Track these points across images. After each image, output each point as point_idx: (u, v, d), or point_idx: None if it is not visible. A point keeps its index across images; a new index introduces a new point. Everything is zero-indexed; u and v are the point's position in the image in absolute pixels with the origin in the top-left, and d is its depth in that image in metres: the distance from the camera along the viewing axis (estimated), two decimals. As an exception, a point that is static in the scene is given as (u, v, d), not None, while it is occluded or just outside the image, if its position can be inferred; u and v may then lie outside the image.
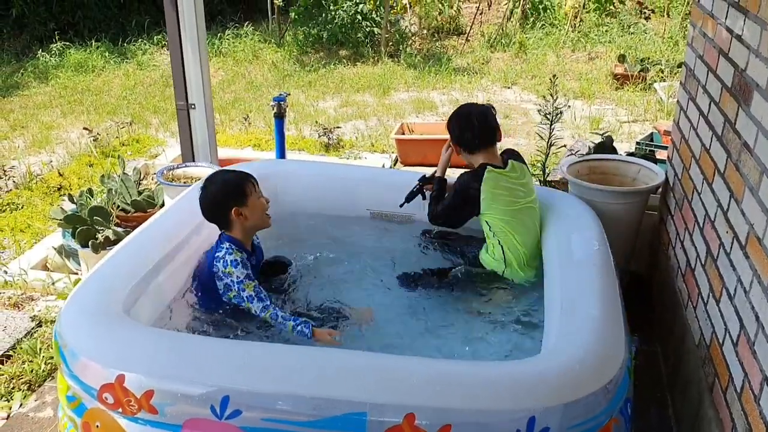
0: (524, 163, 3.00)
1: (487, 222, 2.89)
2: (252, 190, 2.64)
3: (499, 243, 2.87)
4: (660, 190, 3.46)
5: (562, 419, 1.90)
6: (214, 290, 2.60)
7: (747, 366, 1.99)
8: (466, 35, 9.53)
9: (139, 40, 9.56)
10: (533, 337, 2.54)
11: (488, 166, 2.84)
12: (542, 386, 1.95)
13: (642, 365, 3.04)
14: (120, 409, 2.03)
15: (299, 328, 2.51)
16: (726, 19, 2.57)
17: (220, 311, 2.60)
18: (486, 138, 2.89)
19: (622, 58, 7.60)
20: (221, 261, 2.55)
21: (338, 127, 6.05)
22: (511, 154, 2.98)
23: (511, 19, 9.62)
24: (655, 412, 2.78)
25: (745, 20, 2.32)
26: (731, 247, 2.24)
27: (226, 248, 2.59)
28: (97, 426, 2.10)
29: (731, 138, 2.36)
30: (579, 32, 9.14)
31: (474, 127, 2.88)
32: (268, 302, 2.57)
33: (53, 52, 8.82)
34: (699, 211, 2.71)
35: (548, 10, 9.75)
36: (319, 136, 5.87)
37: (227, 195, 2.60)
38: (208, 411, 1.93)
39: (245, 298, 2.56)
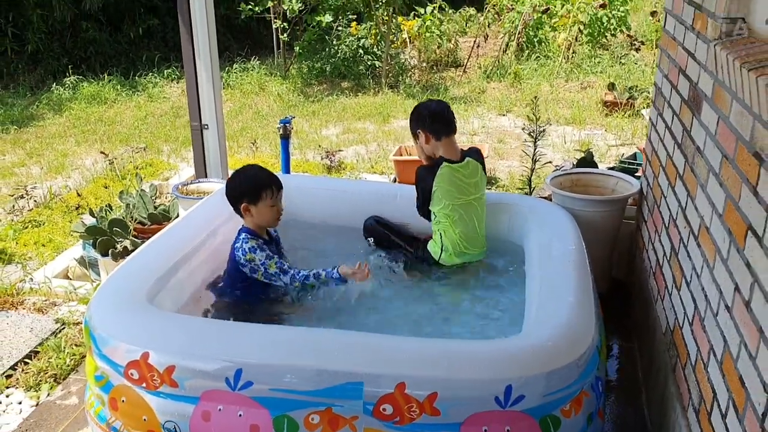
0: (483, 164, 3.34)
1: (433, 212, 3.24)
2: (268, 195, 2.89)
3: (438, 231, 3.23)
4: (637, 201, 3.74)
5: (536, 388, 2.14)
6: (239, 279, 2.89)
7: (699, 341, 2.25)
8: (463, 67, 9.91)
9: (150, 73, 9.95)
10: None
11: (444, 162, 3.16)
12: (518, 359, 2.19)
13: (620, 360, 3.31)
14: (144, 384, 2.27)
15: (330, 275, 2.87)
16: (684, 40, 2.89)
17: (246, 300, 2.90)
18: (449, 127, 3.22)
19: (611, 86, 7.94)
20: (240, 250, 2.86)
21: (340, 151, 6.37)
22: (473, 153, 3.29)
23: (507, 52, 10.01)
24: (630, 399, 3.03)
25: (696, 40, 2.63)
26: (688, 240, 2.52)
27: (243, 238, 2.89)
28: (123, 401, 2.35)
29: (688, 144, 2.65)
30: (572, 63, 9.51)
31: (441, 116, 3.20)
32: (293, 270, 2.89)
33: (67, 85, 9.19)
34: (665, 213, 2.99)
35: (543, 43, 10.14)
36: (322, 159, 6.19)
37: (243, 190, 2.90)
38: (223, 383, 2.17)
39: (272, 276, 2.86)
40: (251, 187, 2.89)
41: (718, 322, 2.03)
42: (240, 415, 2.18)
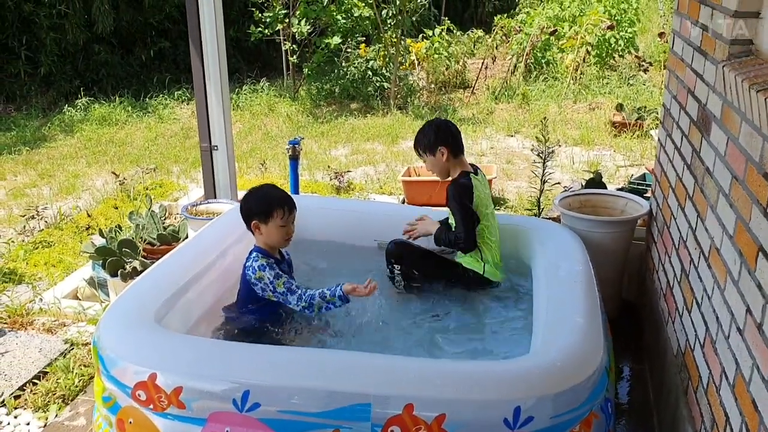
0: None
1: None
2: (278, 214, 2.87)
3: (479, 244, 3.19)
4: (647, 221, 3.73)
5: (545, 410, 2.13)
6: (250, 299, 2.90)
7: (711, 364, 2.22)
8: (471, 88, 9.95)
9: (160, 95, 10.04)
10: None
11: (469, 174, 3.18)
12: (527, 380, 2.18)
13: (631, 382, 3.28)
14: (151, 405, 2.27)
15: (333, 293, 2.83)
16: (692, 62, 2.89)
17: (259, 319, 2.90)
18: (462, 144, 3.26)
19: (620, 107, 7.95)
20: (250, 268, 2.86)
21: (348, 172, 6.39)
22: (475, 167, 3.32)
23: (515, 73, 10.05)
24: (641, 422, 3.00)
25: (705, 62, 2.64)
26: (699, 262, 2.50)
27: (253, 256, 2.90)
28: (130, 422, 2.34)
29: (697, 165, 2.65)
30: (580, 84, 9.53)
31: (456, 133, 3.24)
32: (300, 290, 2.86)
33: (78, 107, 9.28)
34: (675, 235, 2.97)
35: (550, 64, 10.18)
36: (331, 180, 6.21)
37: (255, 207, 2.90)
38: (231, 405, 2.17)
39: (279, 295, 2.85)
40: (263, 206, 2.89)
41: (729, 345, 2.01)
42: (247, 437, 2.17)
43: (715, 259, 2.26)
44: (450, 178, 3.27)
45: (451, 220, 3.28)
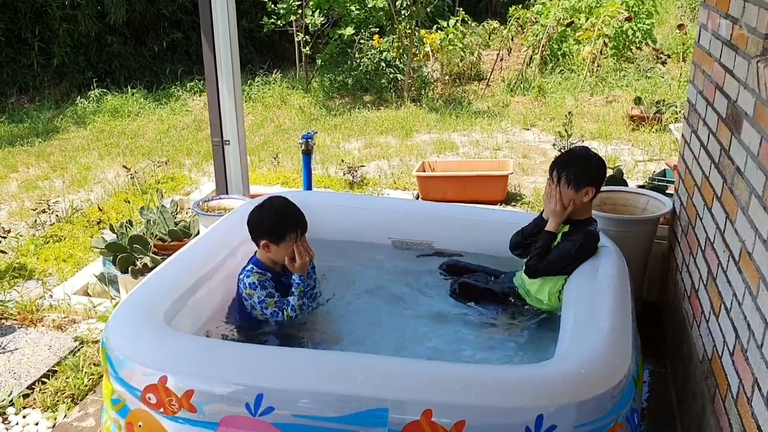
0: None
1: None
2: (292, 238, 2.77)
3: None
4: (669, 220, 3.63)
5: (569, 419, 2.04)
6: (241, 311, 2.85)
7: (741, 373, 2.14)
8: (486, 80, 9.83)
9: (173, 86, 10.00)
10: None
11: (595, 222, 2.98)
12: (550, 387, 2.10)
13: (653, 385, 3.19)
14: (162, 409, 2.20)
15: (293, 281, 2.79)
16: (721, 56, 2.78)
17: (255, 325, 2.82)
18: None
19: (638, 101, 7.81)
20: (242, 283, 2.81)
21: (362, 166, 6.31)
22: None
23: (531, 65, 9.92)
24: (663, 427, 2.91)
25: (735, 57, 2.53)
26: (727, 265, 2.41)
27: (248, 270, 2.82)
28: (140, 426, 2.28)
29: (726, 164, 2.55)
30: (597, 77, 9.39)
31: (605, 168, 2.94)
32: (288, 306, 2.77)
33: (91, 98, 9.25)
34: (701, 235, 2.87)
35: (567, 56, 10.04)
36: (344, 175, 6.13)
37: (267, 228, 2.79)
38: (243, 409, 2.10)
39: (270, 315, 2.77)
40: (277, 228, 2.78)
41: (763, 354, 1.92)
42: (260, 443, 2.10)
43: (747, 264, 2.17)
44: (562, 217, 2.94)
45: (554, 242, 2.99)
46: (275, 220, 2.78)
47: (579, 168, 2.88)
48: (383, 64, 9.68)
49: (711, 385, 2.47)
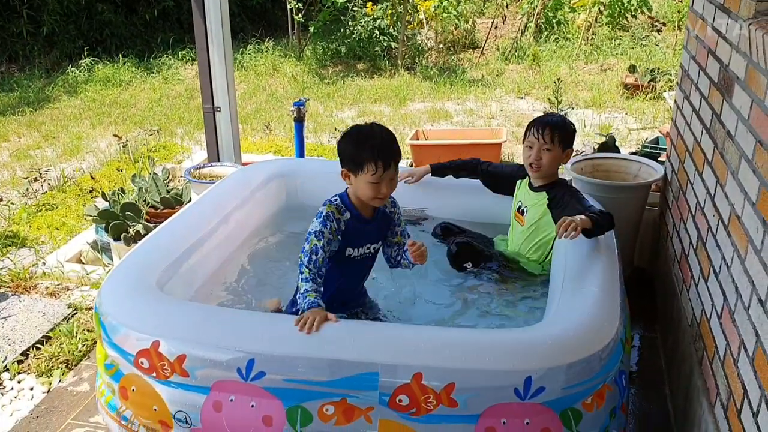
0: None
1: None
2: (370, 170, 2.38)
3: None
4: (661, 187, 3.64)
5: (558, 381, 2.07)
6: None
7: (728, 335, 2.16)
8: (481, 48, 9.77)
9: (164, 55, 9.90)
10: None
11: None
12: (539, 350, 2.11)
13: (642, 350, 3.22)
14: (154, 374, 2.22)
15: (303, 307, 2.31)
16: (713, 20, 2.77)
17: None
18: None
19: (632, 69, 7.78)
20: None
21: (356, 135, 6.28)
22: None
23: (525, 33, 9.85)
24: (652, 390, 2.95)
25: (728, 20, 2.52)
26: (717, 229, 2.42)
27: (332, 199, 2.51)
28: (133, 390, 2.30)
29: (717, 128, 2.55)
30: (591, 45, 9.34)
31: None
32: (313, 267, 2.40)
33: (82, 67, 9.16)
34: (692, 201, 2.88)
35: (561, 24, 9.96)
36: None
37: (346, 153, 2.45)
38: (235, 373, 2.11)
39: (302, 249, 2.44)
40: (354, 155, 2.40)
41: (750, 316, 1.94)
42: (252, 406, 2.12)
43: (736, 227, 2.18)
44: (546, 180, 3.02)
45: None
46: (356, 145, 2.42)
47: (568, 130, 2.99)
48: (377, 31, 9.60)
49: (699, 347, 2.50)
